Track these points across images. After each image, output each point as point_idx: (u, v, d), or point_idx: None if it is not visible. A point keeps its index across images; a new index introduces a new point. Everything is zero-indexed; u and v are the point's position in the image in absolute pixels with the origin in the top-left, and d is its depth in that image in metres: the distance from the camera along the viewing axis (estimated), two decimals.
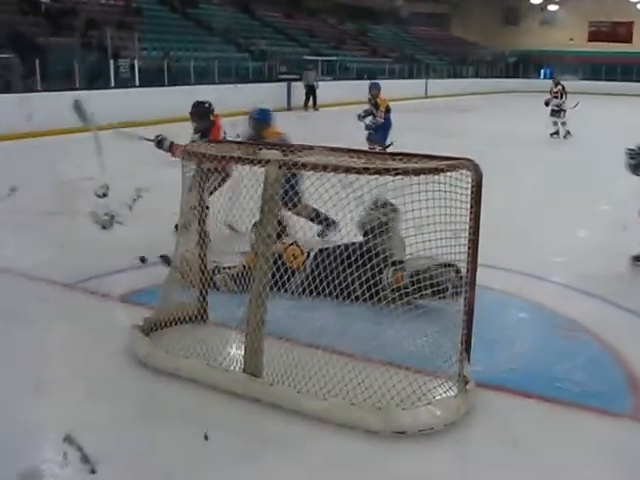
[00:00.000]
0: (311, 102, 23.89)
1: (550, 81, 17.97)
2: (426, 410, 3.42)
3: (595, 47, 42.76)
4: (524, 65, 41.89)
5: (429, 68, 35.72)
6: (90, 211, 6.15)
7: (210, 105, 7.16)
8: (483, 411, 3.63)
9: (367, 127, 11.18)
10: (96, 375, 4.05)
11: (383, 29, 42.07)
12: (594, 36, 44.21)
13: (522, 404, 3.77)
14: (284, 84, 23.68)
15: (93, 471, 3.00)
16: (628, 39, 42.97)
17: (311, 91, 23.94)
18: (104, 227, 6.12)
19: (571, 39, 43.83)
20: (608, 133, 16.45)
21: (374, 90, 11.50)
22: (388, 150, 9.48)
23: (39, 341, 4.50)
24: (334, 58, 29.97)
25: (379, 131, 11.18)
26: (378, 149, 9.68)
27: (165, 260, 5.27)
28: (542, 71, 42.92)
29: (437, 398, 3.53)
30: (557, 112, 16.33)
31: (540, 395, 3.83)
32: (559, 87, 16.51)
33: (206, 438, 3.30)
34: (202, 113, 7.07)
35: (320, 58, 28.27)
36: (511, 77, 40.49)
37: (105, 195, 6.28)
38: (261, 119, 6.81)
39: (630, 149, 5.96)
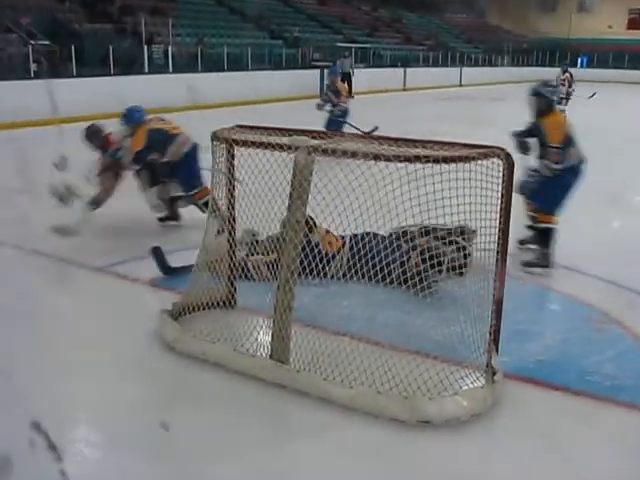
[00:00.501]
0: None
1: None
2: (452, 400, 3.40)
3: (634, 35, 41.95)
4: (560, 53, 41.22)
5: (464, 56, 35.33)
6: (49, 184, 6.08)
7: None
8: (510, 403, 3.59)
9: (333, 119, 10.91)
10: (124, 358, 4.09)
11: (417, 16, 41.71)
12: (634, 24, 43.37)
13: (550, 396, 3.72)
14: (317, 71, 23.58)
15: (60, 459, 3.01)
16: None
17: (347, 78, 23.40)
18: (62, 200, 6.08)
19: (610, 26, 43.04)
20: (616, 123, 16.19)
21: (332, 76, 11.34)
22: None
23: (69, 324, 4.56)
24: (367, 45, 29.80)
25: (345, 116, 11.04)
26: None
27: (156, 253, 5.27)
28: (579, 60, 42.27)
29: (464, 388, 3.50)
30: (560, 100, 15.88)
31: (568, 388, 3.78)
32: (567, 75, 16.30)
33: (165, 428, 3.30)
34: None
35: (353, 45, 28.12)
36: (546, 66, 39.89)
37: (63, 167, 6.15)
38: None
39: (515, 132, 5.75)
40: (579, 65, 41.72)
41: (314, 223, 4.98)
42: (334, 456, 3.20)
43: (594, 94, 15.68)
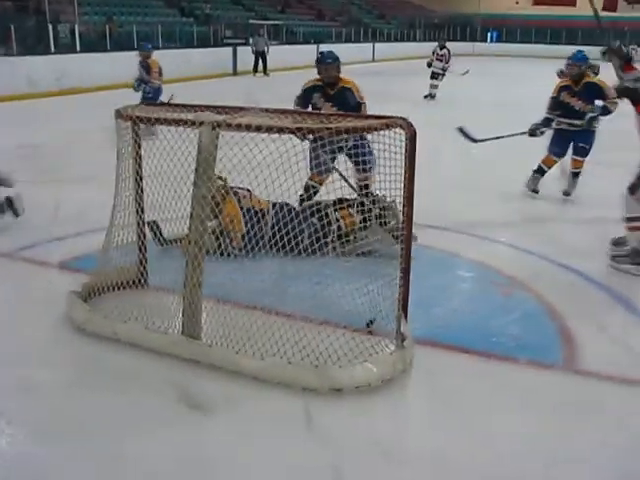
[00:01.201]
0: (261, 67, 23.55)
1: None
2: (362, 367, 3.47)
3: (540, 11, 43.14)
4: (471, 28, 42.08)
5: (376, 32, 35.58)
6: None
7: None
8: (419, 367, 3.70)
9: (145, 97, 10.66)
10: (32, 343, 4.01)
11: None
12: (539, 0, 44.59)
13: (457, 359, 3.85)
14: (229, 49, 23.35)
15: None
16: (572, 3, 43.39)
17: (262, 56, 23.43)
18: None
19: (517, 2, 44.13)
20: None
21: (144, 52, 11.08)
22: None
23: None
24: (280, 22, 29.65)
25: (157, 95, 10.85)
26: None
27: (152, 227, 5.17)
28: (489, 34, 43.23)
29: (374, 355, 3.58)
30: (437, 75, 16.55)
31: (475, 350, 3.92)
32: (444, 50, 16.50)
33: None
34: None
35: (266, 22, 27.93)
36: (458, 41, 40.62)
37: None
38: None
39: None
40: (489, 40, 42.73)
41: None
42: (247, 427, 3.22)
43: (467, 71, 15.97)
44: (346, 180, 5.09)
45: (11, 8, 19.42)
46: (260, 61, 23.59)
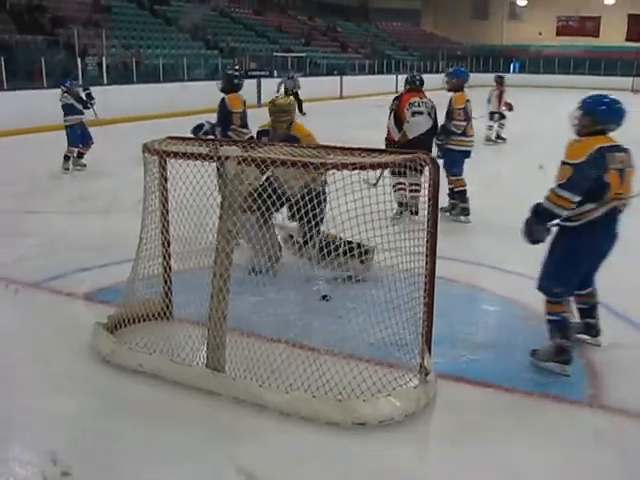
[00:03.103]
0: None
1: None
2: (386, 401, 3.47)
3: (563, 41, 43.23)
4: (494, 59, 42.22)
5: (399, 63, 35.83)
6: None
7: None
8: (443, 402, 3.69)
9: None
10: (60, 372, 4.06)
11: (353, 25, 42.18)
12: (562, 30, 44.70)
13: (481, 394, 3.83)
14: (254, 81, 23.61)
15: None
16: (595, 34, 43.48)
17: (296, 97, 20.86)
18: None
19: (540, 33, 44.25)
20: None
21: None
22: None
23: (3, 341, 4.48)
24: (304, 54, 29.97)
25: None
26: None
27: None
28: (512, 65, 43.37)
29: (397, 389, 3.57)
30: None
31: (499, 385, 3.90)
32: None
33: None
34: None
35: (290, 55, 28.26)
36: (481, 72, 40.76)
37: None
38: None
39: None
40: (511, 70, 42.82)
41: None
42: (271, 461, 3.23)
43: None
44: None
45: (42, 42, 19.88)
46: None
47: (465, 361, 4.15)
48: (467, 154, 7.54)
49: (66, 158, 10.66)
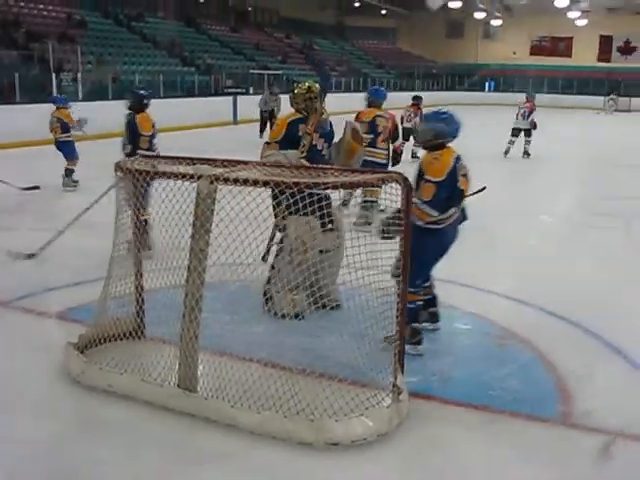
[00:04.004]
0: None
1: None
2: (359, 421, 3.46)
3: (537, 61, 43.83)
4: (468, 78, 42.72)
5: (375, 81, 36.08)
6: None
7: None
8: (416, 421, 3.69)
9: None
10: (30, 393, 4.01)
11: (329, 43, 42.46)
12: (536, 50, 45.35)
13: (454, 413, 3.84)
14: (230, 98, 23.65)
15: None
16: (568, 54, 44.18)
17: (269, 117, 17.93)
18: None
19: (514, 53, 44.84)
20: None
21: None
22: None
23: None
24: (280, 72, 30.08)
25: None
26: None
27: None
28: (486, 84, 43.90)
29: (370, 409, 3.57)
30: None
31: (472, 403, 3.91)
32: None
33: None
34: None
35: (266, 72, 28.34)
36: (456, 90, 41.23)
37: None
38: None
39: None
40: (486, 89, 43.38)
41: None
42: None
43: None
44: None
45: (16, 57, 19.76)
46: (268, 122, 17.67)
47: (437, 379, 4.16)
48: (378, 165, 7.93)
49: (69, 172, 10.64)
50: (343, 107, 28.87)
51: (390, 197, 3.69)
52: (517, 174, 13.87)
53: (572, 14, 38.79)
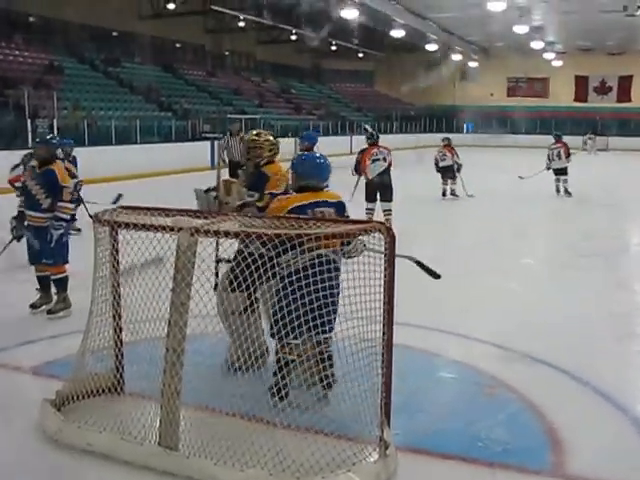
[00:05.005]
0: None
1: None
2: (346, 477, 3.41)
3: (513, 102, 44.55)
4: (447, 120, 43.24)
5: (354, 124, 36.47)
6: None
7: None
8: (404, 476, 3.64)
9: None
10: (4, 453, 3.91)
11: (307, 86, 42.98)
12: (513, 91, 46.20)
13: (442, 466, 3.80)
14: (208, 143, 23.73)
15: None
16: (544, 94, 45.04)
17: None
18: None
19: (491, 94, 45.59)
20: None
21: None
22: None
23: None
24: (257, 116, 30.31)
25: None
26: None
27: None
28: (465, 125, 44.52)
29: (357, 464, 3.52)
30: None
31: (461, 456, 3.87)
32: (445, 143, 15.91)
33: None
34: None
35: (243, 116, 28.51)
36: (434, 132, 41.63)
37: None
38: None
39: None
40: (465, 130, 43.96)
41: None
42: None
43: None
44: None
45: None
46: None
47: (425, 432, 4.11)
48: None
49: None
50: (322, 150, 29.18)
51: None
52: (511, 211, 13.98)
53: (548, 55, 39.58)
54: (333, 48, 40.22)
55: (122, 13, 27.76)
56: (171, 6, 29.69)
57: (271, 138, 5.29)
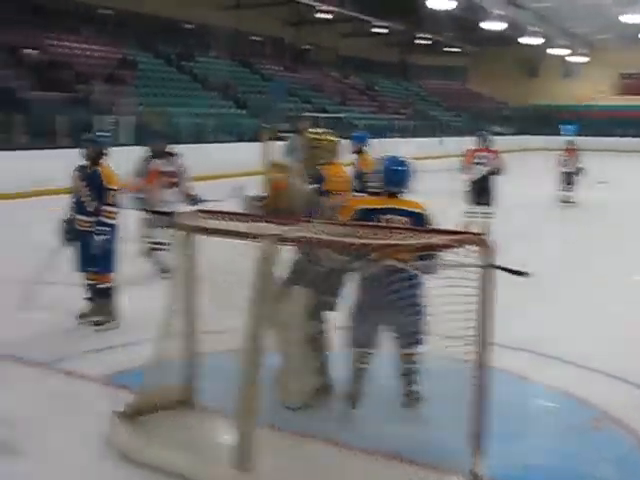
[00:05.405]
0: None
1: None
2: None
3: (627, 101, 43.06)
4: (545, 121, 42.24)
5: (443, 125, 36.19)
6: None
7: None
8: None
9: None
10: (71, 470, 4.03)
11: (393, 83, 42.81)
12: (626, 89, 44.51)
13: None
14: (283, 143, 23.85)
15: None
16: None
17: None
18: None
19: (600, 92, 44.05)
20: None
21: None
22: None
23: (8, 430, 4.45)
24: (340, 115, 30.34)
25: None
26: None
27: None
28: (565, 127, 43.34)
29: None
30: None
31: None
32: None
33: None
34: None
35: (321, 115, 28.56)
36: (534, 134, 40.69)
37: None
38: None
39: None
40: (567, 132, 42.73)
41: None
42: None
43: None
44: None
45: (58, 99, 20.46)
46: None
47: (522, 467, 4.04)
48: None
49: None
50: (409, 152, 29.03)
51: None
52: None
53: None
54: (421, 42, 40.05)
55: (197, 4, 28.34)
56: None
57: (332, 138, 5.32)
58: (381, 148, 8.74)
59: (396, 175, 4.58)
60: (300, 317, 4.53)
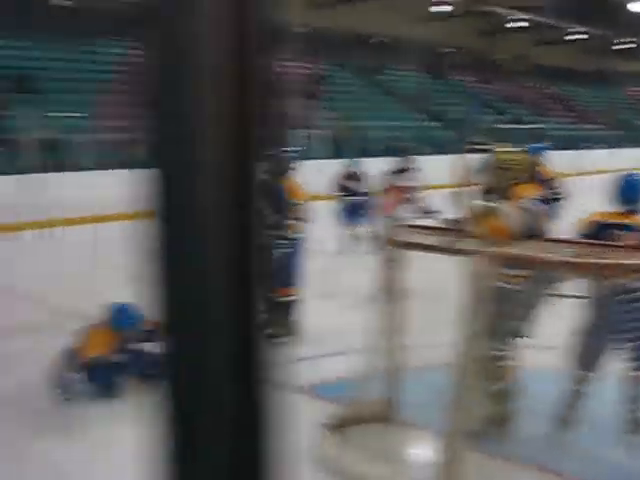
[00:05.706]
0: None
1: None
2: None
3: None
4: None
5: None
6: None
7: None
8: None
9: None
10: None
11: (591, 91, 41.18)
12: None
13: None
14: (476, 155, 23.54)
15: None
16: None
17: None
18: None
19: None
20: None
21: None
22: None
23: None
24: (536, 126, 29.57)
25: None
26: None
27: None
28: None
29: None
30: None
31: None
32: None
33: None
34: None
35: (514, 126, 27.91)
36: None
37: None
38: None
39: None
40: None
41: None
42: None
43: None
44: None
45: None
46: None
47: None
48: None
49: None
50: (611, 165, 27.77)
51: None
52: None
53: None
54: (621, 47, 38.30)
55: (390, 17, 28.64)
56: (441, 8, 30.10)
57: (519, 157, 4.94)
58: (561, 160, 8.61)
59: (633, 192, 4.42)
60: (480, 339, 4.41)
